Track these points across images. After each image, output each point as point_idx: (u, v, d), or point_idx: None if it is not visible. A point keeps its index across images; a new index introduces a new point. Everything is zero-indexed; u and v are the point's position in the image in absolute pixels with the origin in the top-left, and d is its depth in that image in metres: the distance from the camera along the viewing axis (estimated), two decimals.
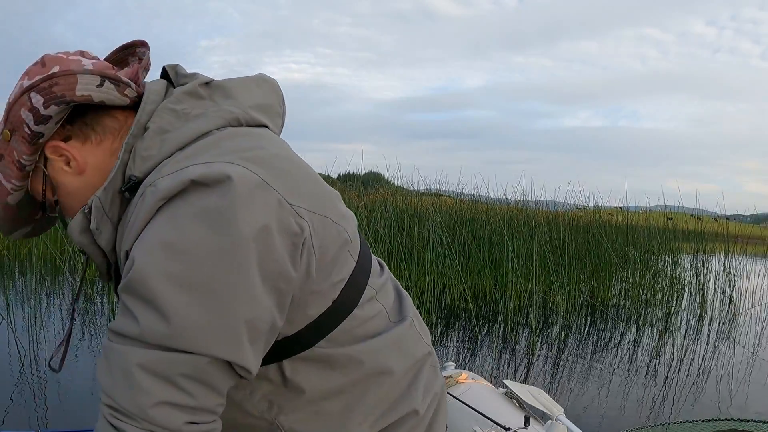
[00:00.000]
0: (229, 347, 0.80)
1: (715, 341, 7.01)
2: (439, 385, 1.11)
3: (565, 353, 5.76)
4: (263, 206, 0.81)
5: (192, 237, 0.78)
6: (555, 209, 10.99)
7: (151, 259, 0.79)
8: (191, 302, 0.78)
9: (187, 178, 0.80)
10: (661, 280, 9.89)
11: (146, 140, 0.90)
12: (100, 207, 0.90)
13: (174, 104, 0.94)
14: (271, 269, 0.81)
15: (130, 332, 0.80)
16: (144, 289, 0.78)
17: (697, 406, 4.47)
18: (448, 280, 7.81)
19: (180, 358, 0.78)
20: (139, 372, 0.78)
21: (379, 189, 10.88)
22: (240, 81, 1.02)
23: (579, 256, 9.09)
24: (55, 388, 3.77)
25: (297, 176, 0.90)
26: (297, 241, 0.84)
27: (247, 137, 0.92)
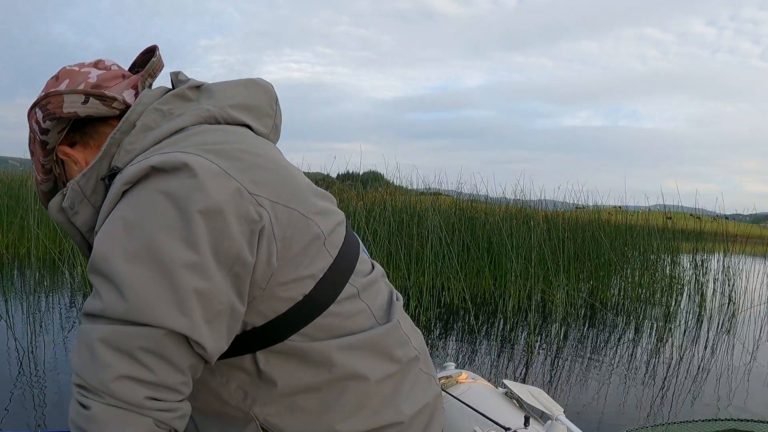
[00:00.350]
0: (181, 319, 0.83)
1: (714, 340, 7.02)
2: (432, 396, 1.10)
3: (564, 353, 5.76)
4: (218, 191, 0.86)
5: (146, 215, 0.84)
6: (554, 209, 10.98)
7: (110, 237, 0.86)
8: (143, 275, 0.82)
9: (147, 165, 0.87)
10: (660, 280, 9.90)
11: (132, 136, 0.98)
12: (78, 190, 0.99)
13: (161, 105, 1.02)
14: (226, 250, 0.85)
15: (94, 310, 0.85)
16: (104, 266, 0.84)
17: (696, 405, 4.47)
18: (447, 279, 7.81)
19: (137, 331, 0.82)
20: (100, 347, 0.82)
21: (378, 188, 10.88)
22: (228, 83, 1.09)
23: (578, 255, 9.09)
24: (55, 388, 3.76)
25: (264, 169, 0.94)
26: (255, 227, 0.88)
27: (218, 133, 0.98)
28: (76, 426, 0.84)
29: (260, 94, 1.10)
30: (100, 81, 1.06)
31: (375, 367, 0.99)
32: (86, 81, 1.05)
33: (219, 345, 0.89)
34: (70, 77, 1.05)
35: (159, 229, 0.83)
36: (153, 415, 0.84)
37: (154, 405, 0.83)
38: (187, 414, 0.89)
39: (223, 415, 0.99)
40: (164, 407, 0.85)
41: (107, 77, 1.07)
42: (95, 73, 1.06)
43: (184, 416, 0.89)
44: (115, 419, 0.82)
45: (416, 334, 1.12)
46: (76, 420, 0.83)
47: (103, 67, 1.09)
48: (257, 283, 0.90)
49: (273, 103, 1.12)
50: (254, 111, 1.08)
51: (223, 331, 0.88)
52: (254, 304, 0.92)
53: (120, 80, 1.08)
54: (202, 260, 0.84)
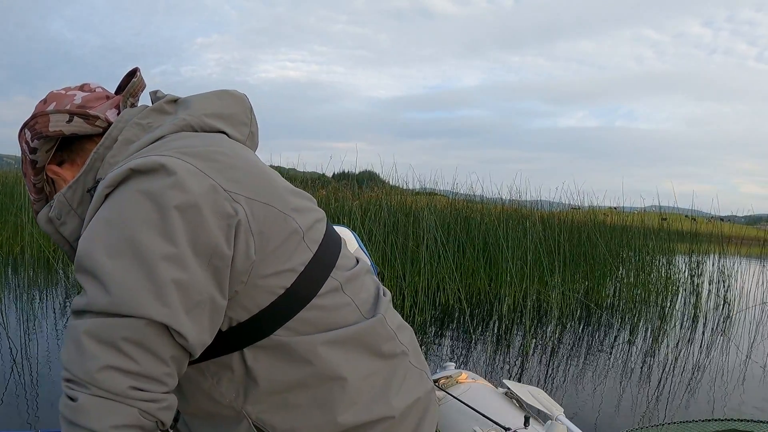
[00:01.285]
0: (161, 309, 0.86)
1: (709, 341, 7.04)
2: (425, 391, 1.11)
3: (559, 353, 5.76)
4: (194, 188, 0.90)
5: (125, 213, 0.89)
6: (550, 209, 10.99)
7: (92, 236, 0.90)
8: (124, 268, 0.86)
9: (127, 168, 0.91)
10: (655, 281, 9.91)
11: (114, 150, 1.05)
12: (64, 201, 1.06)
13: (141, 119, 1.08)
14: (203, 243, 0.89)
15: (80, 306, 0.88)
16: (87, 263, 0.88)
17: (691, 405, 4.48)
18: (442, 279, 7.80)
19: (119, 322, 0.85)
20: (86, 339, 0.85)
21: (374, 188, 10.87)
22: (203, 95, 1.14)
23: (574, 256, 9.09)
24: (48, 387, 3.75)
25: (240, 170, 0.99)
26: (231, 222, 0.92)
27: (195, 138, 1.03)
28: (65, 419, 0.86)
29: (234, 104, 1.16)
30: (84, 102, 1.13)
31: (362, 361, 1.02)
32: (72, 102, 1.12)
33: (201, 337, 0.91)
34: (56, 100, 1.13)
35: (138, 225, 0.87)
36: (138, 405, 0.86)
37: (138, 395, 0.86)
38: (172, 406, 0.92)
39: (216, 415, 1.02)
40: (148, 398, 0.87)
41: (91, 98, 1.15)
42: (80, 95, 1.14)
43: (169, 408, 0.91)
44: (101, 409, 0.84)
45: (405, 330, 1.15)
46: (65, 413, 0.86)
47: (88, 90, 1.17)
48: (238, 276, 0.93)
49: (248, 111, 1.18)
50: (229, 119, 1.13)
51: (204, 323, 0.91)
52: (237, 298, 0.95)
53: (104, 101, 1.15)
54: (179, 252, 0.88)
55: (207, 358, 0.98)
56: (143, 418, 0.86)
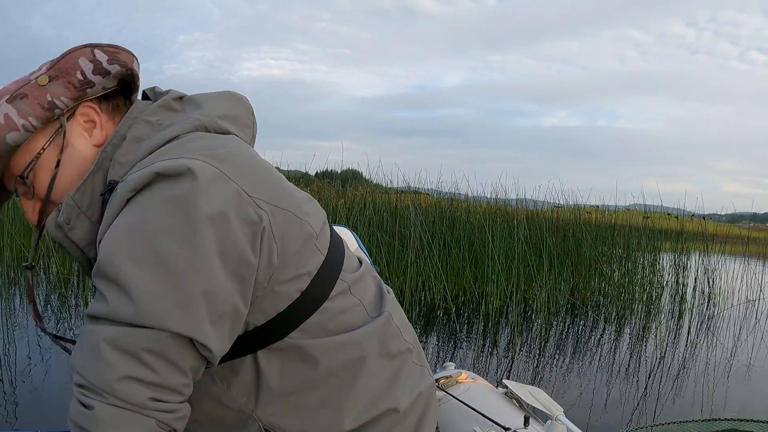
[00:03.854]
0: (187, 321, 0.84)
1: (695, 339, 7.08)
2: (427, 386, 1.12)
3: (546, 352, 5.76)
4: (221, 195, 0.87)
5: (153, 219, 0.85)
6: (534, 208, 11.02)
7: (116, 242, 0.86)
8: (151, 278, 0.83)
9: (151, 171, 0.87)
10: (640, 279, 9.97)
11: (123, 148, 0.99)
12: (73, 205, 0.98)
13: (149, 116, 1.03)
14: (231, 252, 0.87)
15: (99, 312, 0.85)
16: (110, 270, 0.84)
17: (678, 402, 4.51)
18: (428, 278, 7.79)
19: (143, 333, 0.83)
20: (105, 347, 0.82)
21: (359, 187, 10.83)
22: (210, 95, 1.11)
23: (559, 254, 9.12)
24: (29, 387, 3.71)
25: (258, 174, 0.96)
26: (256, 229, 0.89)
27: (212, 139, 0.99)
28: (76, 425, 0.84)
29: (240, 106, 1.14)
30: None
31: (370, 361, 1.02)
32: None
33: (223, 346, 0.90)
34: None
35: (164, 233, 0.84)
36: (155, 416, 0.84)
37: (156, 406, 0.84)
38: (187, 415, 0.90)
39: (224, 420, 1.01)
40: (166, 408, 0.85)
41: None
42: None
43: (184, 417, 0.89)
44: (117, 419, 0.82)
45: (408, 327, 1.15)
46: (77, 419, 0.83)
47: None
48: (260, 283, 0.92)
49: (250, 114, 1.17)
50: (236, 121, 1.11)
51: (225, 333, 0.90)
52: (256, 303, 0.94)
53: None
54: (207, 262, 0.85)
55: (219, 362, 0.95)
56: (159, 429, 0.85)
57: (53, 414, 3.32)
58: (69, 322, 5.38)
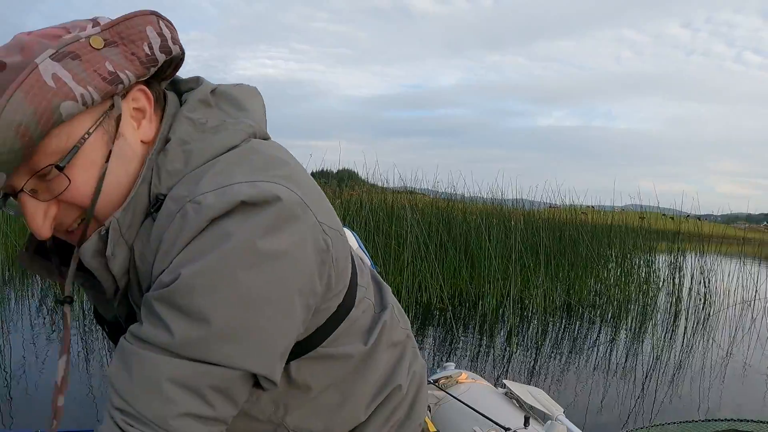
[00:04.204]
0: (265, 362, 0.81)
1: (691, 339, 7.09)
2: (420, 366, 1.14)
3: (542, 352, 5.76)
4: (305, 226, 0.82)
5: (238, 253, 0.76)
6: (531, 208, 11.03)
7: (197, 275, 0.76)
8: (232, 315, 0.77)
9: (236, 199, 0.77)
10: (637, 279, 9.98)
11: (170, 153, 0.85)
12: (117, 230, 0.83)
13: (190, 113, 0.90)
14: (306, 286, 0.82)
15: (161, 342, 0.77)
16: (186, 302, 0.76)
17: (675, 403, 4.51)
18: (424, 278, 7.78)
19: (213, 371, 0.77)
20: (167, 383, 0.76)
21: (355, 186, 10.81)
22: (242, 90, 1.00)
23: (555, 255, 9.12)
24: (23, 387, 3.70)
25: (316, 192, 0.91)
26: (325, 257, 0.85)
27: (270, 151, 0.90)
28: None
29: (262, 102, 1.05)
30: None
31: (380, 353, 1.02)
32: None
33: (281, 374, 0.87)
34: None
35: (249, 268, 0.76)
36: None
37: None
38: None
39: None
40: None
41: None
42: None
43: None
44: None
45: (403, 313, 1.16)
46: None
47: None
48: (317, 306, 0.89)
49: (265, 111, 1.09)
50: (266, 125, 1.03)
51: (285, 360, 0.87)
52: None
53: None
54: (289, 300, 0.80)
55: None
56: None
57: (48, 414, 3.29)
58: (62, 323, 5.35)
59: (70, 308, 0.95)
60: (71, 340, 4.74)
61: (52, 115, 0.73)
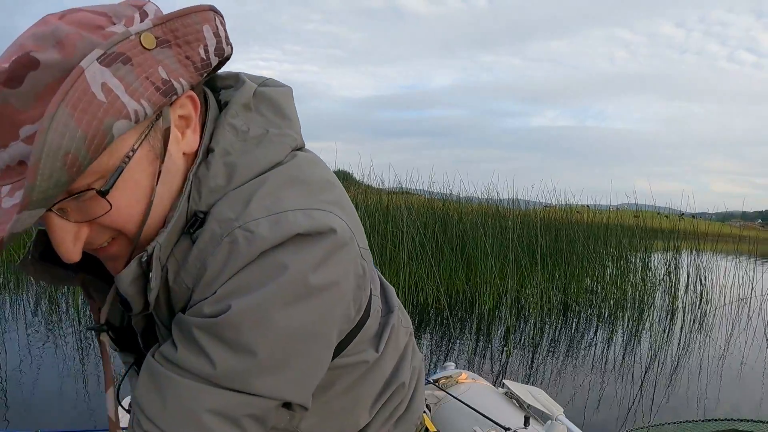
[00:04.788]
0: (303, 393, 0.80)
1: (688, 337, 7.09)
2: (418, 360, 1.14)
3: (539, 352, 5.75)
4: (349, 255, 0.78)
5: (291, 290, 0.73)
6: (526, 208, 11.04)
7: (247, 308, 0.71)
8: (280, 351, 0.74)
9: (292, 232, 0.73)
10: (633, 278, 9.99)
11: (213, 167, 0.78)
12: (158, 255, 0.75)
13: (233, 119, 0.81)
14: (344, 315, 0.81)
15: (201, 372, 0.73)
16: (234, 336, 0.72)
17: (672, 401, 4.51)
18: (421, 279, 7.77)
19: (253, 401, 0.75)
20: (207, 414, 0.73)
21: (350, 187, 10.80)
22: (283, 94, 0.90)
23: (552, 254, 9.13)
24: (18, 389, 3.67)
25: (355, 215, 0.87)
26: (362, 283, 0.83)
27: (316, 170, 0.85)
28: None
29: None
30: None
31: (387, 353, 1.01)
32: None
33: None
34: None
35: (298, 303, 0.73)
36: None
37: None
38: None
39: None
40: None
41: None
42: None
43: None
44: None
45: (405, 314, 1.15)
46: None
47: None
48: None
49: None
50: None
51: None
52: None
53: None
54: (330, 334, 0.79)
55: None
56: None
57: (44, 416, 3.29)
58: (59, 325, 5.33)
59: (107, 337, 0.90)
60: (65, 341, 4.72)
61: (105, 138, 0.62)
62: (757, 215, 26.43)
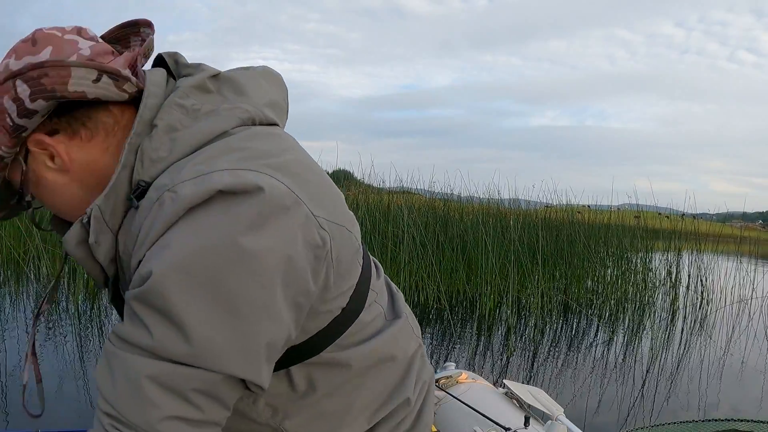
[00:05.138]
0: (248, 367, 0.77)
1: (688, 338, 7.08)
2: (428, 374, 1.11)
3: (540, 352, 5.75)
4: (292, 220, 0.77)
5: (215, 247, 0.73)
6: (527, 208, 11.02)
7: (171, 272, 0.72)
8: (213, 320, 0.74)
9: (213, 188, 0.74)
10: (634, 278, 9.97)
11: (155, 140, 0.82)
12: (100, 217, 0.82)
13: (182, 99, 0.86)
14: (293, 284, 0.78)
15: (140, 343, 0.74)
16: (162, 302, 0.73)
17: (672, 402, 4.50)
18: (422, 279, 7.76)
19: (194, 374, 0.74)
20: (149, 384, 0.73)
21: (351, 187, 10.79)
22: (249, 75, 0.95)
23: (553, 254, 9.11)
24: (18, 390, 3.65)
25: (317, 184, 0.86)
26: (319, 254, 0.81)
27: (267, 139, 0.86)
28: None
29: (279, 88, 1.00)
30: (94, 56, 0.84)
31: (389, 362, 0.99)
32: (78, 53, 0.83)
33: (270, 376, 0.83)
34: (53, 45, 0.82)
35: (227, 265, 0.73)
36: None
37: None
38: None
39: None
40: None
41: (100, 51, 0.85)
42: (86, 44, 0.84)
43: None
44: None
45: (415, 321, 1.13)
46: None
47: (87, 37, 0.87)
48: (312, 307, 0.84)
49: (286, 96, 1.02)
50: (276, 108, 0.97)
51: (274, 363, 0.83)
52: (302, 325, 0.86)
53: (111, 57, 0.87)
54: (272, 299, 0.76)
55: None
56: None
57: (44, 416, 3.26)
58: (58, 323, 5.32)
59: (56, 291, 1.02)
60: (65, 339, 4.72)
61: None
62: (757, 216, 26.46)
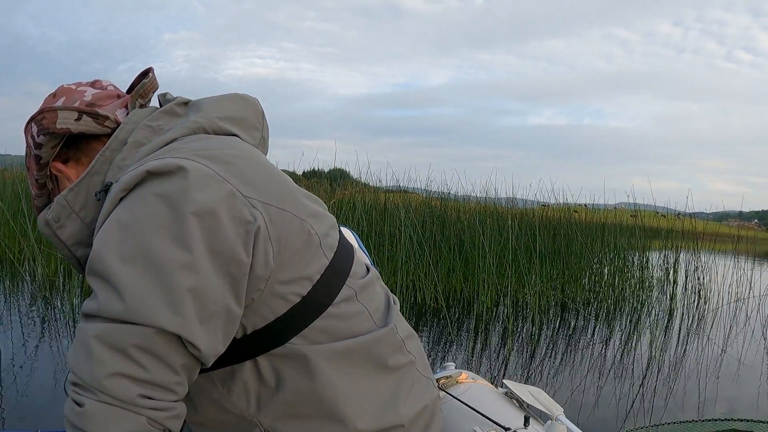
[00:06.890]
0: (174, 318, 0.84)
1: (686, 337, 7.09)
2: (432, 399, 1.12)
3: (538, 352, 5.74)
4: (213, 193, 0.88)
5: (140, 217, 0.86)
6: (524, 206, 11.02)
7: (106, 239, 0.87)
8: (139, 275, 0.84)
9: (143, 170, 0.89)
10: (631, 277, 9.98)
11: (124, 152, 1.02)
12: (65, 204, 1.02)
13: (151, 121, 1.06)
14: (220, 251, 0.87)
15: (91, 309, 0.86)
16: (100, 267, 0.86)
17: (670, 401, 4.49)
18: (419, 278, 7.76)
19: (131, 329, 0.83)
20: (95, 343, 0.83)
21: (348, 185, 10.77)
22: (215, 98, 1.13)
23: (550, 253, 9.11)
24: (14, 389, 3.65)
25: (255, 173, 0.96)
26: (249, 228, 0.89)
27: (209, 140, 1.01)
28: (70, 424, 0.84)
29: (246, 108, 1.15)
30: (94, 99, 1.10)
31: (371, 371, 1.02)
32: (81, 99, 1.10)
33: (214, 347, 0.90)
34: (66, 95, 1.10)
35: (153, 230, 0.85)
36: (146, 414, 0.84)
37: (147, 403, 0.85)
38: (181, 414, 0.91)
39: (226, 424, 1.01)
40: (158, 406, 0.86)
41: (102, 96, 1.12)
42: (90, 92, 1.11)
43: (178, 416, 0.90)
44: (108, 416, 0.82)
45: (413, 339, 1.14)
46: (70, 417, 0.84)
47: (99, 87, 1.14)
48: (255, 284, 0.92)
49: (260, 116, 1.17)
50: (241, 123, 1.12)
51: (218, 333, 0.89)
52: (253, 306, 0.94)
53: (114, 99, 1.12)
54: (195, 260, 0.85)
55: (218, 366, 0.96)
56: (151, 427, 0.85)
57: (41, 416, 3.27)
58: (54, 324, 5.30)
59: None
60: (41, 340, 4.70)
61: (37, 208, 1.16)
62: (754, 215, 26.51)
